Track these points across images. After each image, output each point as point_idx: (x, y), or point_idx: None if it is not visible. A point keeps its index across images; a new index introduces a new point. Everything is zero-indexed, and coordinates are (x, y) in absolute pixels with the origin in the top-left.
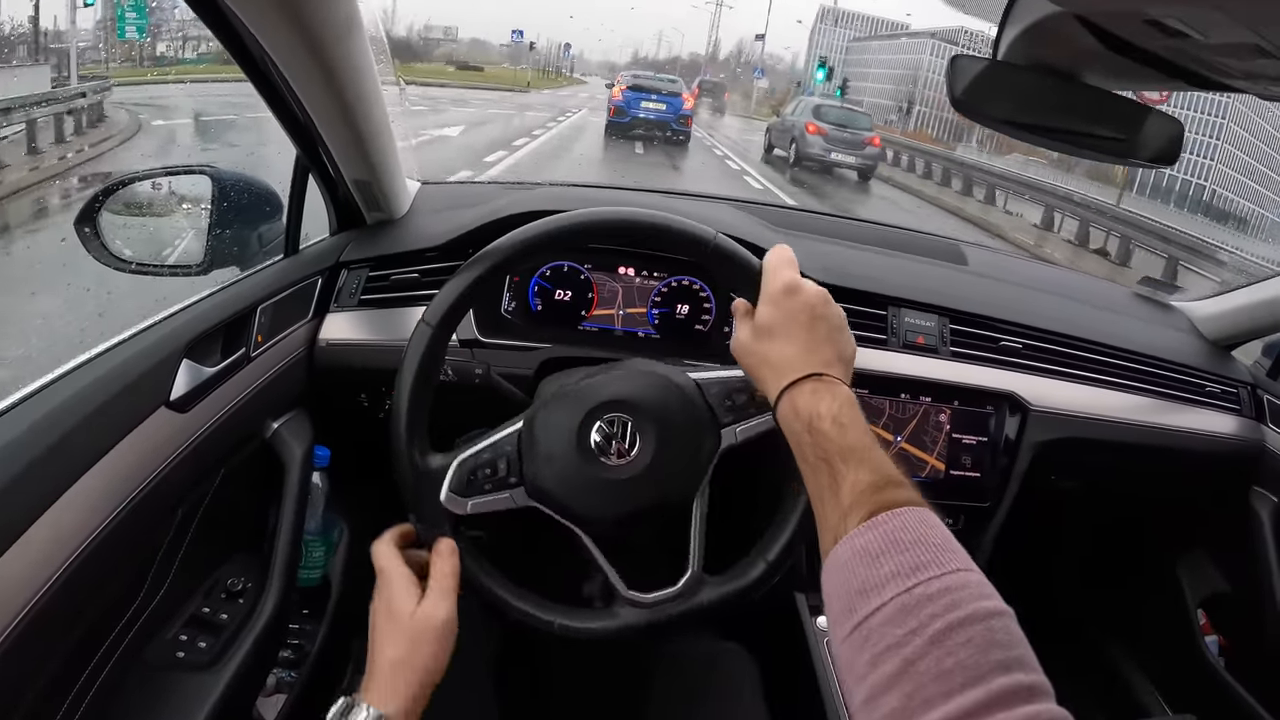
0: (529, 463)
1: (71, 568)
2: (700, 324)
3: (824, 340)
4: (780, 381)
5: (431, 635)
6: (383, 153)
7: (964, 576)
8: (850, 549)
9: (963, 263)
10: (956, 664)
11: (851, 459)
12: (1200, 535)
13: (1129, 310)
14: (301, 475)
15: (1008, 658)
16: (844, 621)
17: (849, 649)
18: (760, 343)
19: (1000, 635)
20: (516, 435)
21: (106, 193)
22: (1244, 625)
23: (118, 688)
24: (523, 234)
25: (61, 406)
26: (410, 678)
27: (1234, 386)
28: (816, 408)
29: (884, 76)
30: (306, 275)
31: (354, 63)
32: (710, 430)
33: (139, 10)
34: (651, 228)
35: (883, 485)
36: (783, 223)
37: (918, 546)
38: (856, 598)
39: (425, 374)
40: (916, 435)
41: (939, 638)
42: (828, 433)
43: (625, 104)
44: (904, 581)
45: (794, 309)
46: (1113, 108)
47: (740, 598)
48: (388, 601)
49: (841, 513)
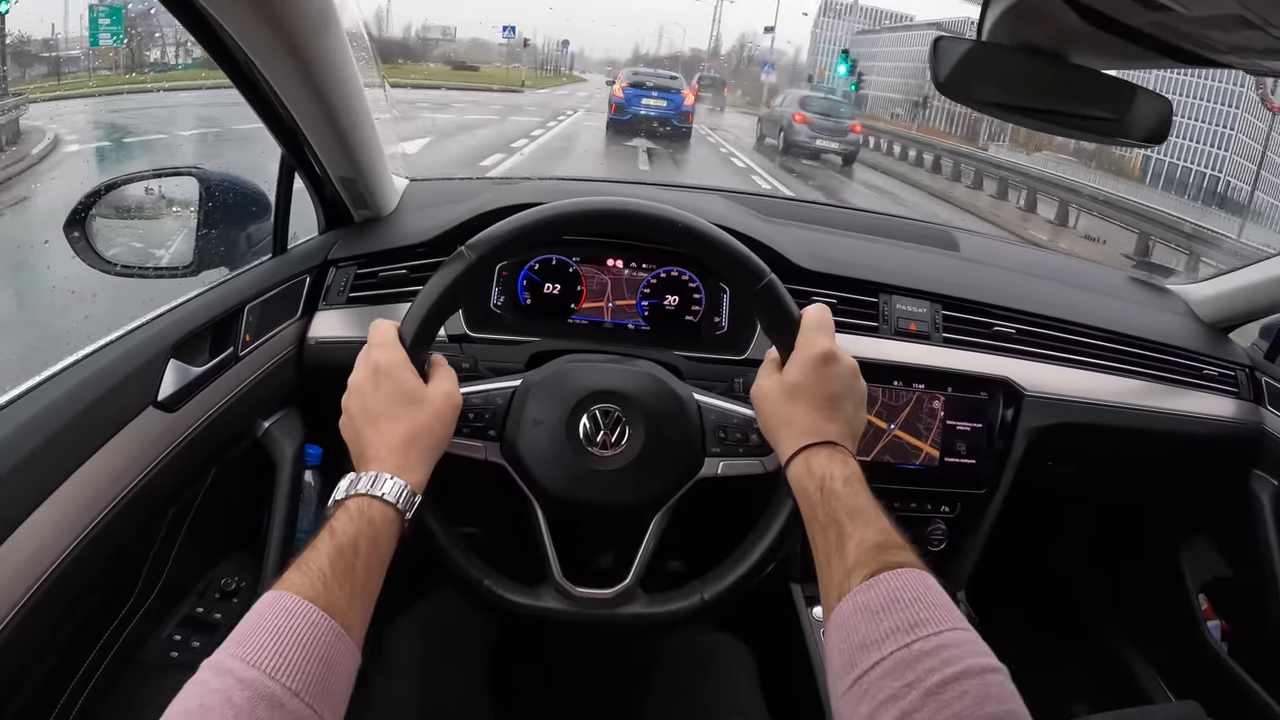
0: (513, 423)
1: (60, 568)
2: (690, 314)
3: (848, 415)
4: (798, 442)
5: (448, 407)
6: (367, 149)
7: (961, 634)
8: (853, 605)
9: (954, 249)
10: (951, 716)
11: (859, 518)
12: (1201, 520)
13: (1124, 294)
14: (293, 474)
15: (1001, 711)
16: (845, 675)
17: (849, 702)
18: (785, 402)
19: (995, 689)
20: (511, 393)
21: (94, 196)
22: (1246, 610)
23: (112, 688)
24: (573, 205)
25: (48, 408)
26: (423, 453)
27: (1231, 369)
28: (830, 469)
29: (889, 70)
30: (294, 274)
31: (331, 58)
32: (695, 453)
33: (114, 16)
34: (712, 243)
35: (887, 546)
36: (772, 212)
37: (917, 605)
38: (858, 652)
39: (451, 294)
40: (910, 423)
41: (935, 691)
42: (839, 493)
43: (626, 101)
44: (903, 637)
45: (828, 377)
46: (1101, 87)
47: (664, 624)
48: (395, 384)
49: (846, 570)
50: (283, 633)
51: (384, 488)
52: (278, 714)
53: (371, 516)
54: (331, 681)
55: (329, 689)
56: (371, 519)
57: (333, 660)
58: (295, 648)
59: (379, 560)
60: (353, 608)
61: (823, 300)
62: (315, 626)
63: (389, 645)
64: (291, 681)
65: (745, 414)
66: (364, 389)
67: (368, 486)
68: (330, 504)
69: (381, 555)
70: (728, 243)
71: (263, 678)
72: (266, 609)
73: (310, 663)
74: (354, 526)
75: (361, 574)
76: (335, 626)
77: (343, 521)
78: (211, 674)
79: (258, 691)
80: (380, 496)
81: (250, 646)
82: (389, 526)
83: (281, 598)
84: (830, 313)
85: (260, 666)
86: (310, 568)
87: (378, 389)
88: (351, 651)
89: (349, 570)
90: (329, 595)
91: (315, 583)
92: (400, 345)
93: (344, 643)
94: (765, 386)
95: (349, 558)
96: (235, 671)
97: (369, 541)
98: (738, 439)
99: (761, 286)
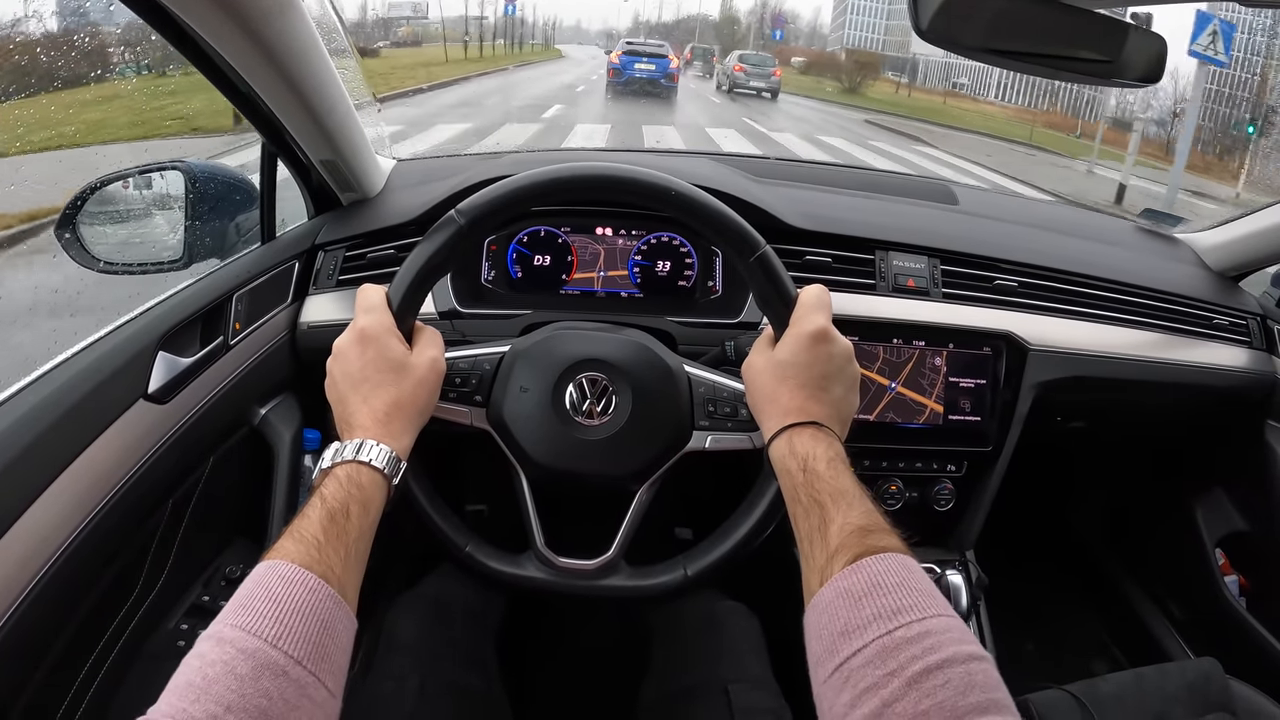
0: (499, 389)
1: (59, 563)
2: (683, 280)
3: (835, 396)
4: (783, 421)
5: (432, 374)
6: (345, 130)
7: (944, 621)
8: (835, 590)
9: (953, 203)
10: (934, 705)
11: (842, 501)
12: (1216, 473)
13: (1131, 244)
14: (292, 459)
15: (985, 700)
16: (826, 662)
17: (830, 690)
18: (774, 379)
19: (979, 678)
20: (498, 359)
21: (83, 197)
22: (1264, 564)
23: (120, 679)
24: (569, 170)
25: (37, 406)
26: (408, 420)
27: (1243, 318)
28: (814, 449)
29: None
30: (283, 260)
31: (293, 42)
32: (683, 426)
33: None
34: (704, 211)
35: (870, 530)
36: (763, 172)
37: (900, 590)
38: (839, 639)
39: (440, 259)
40: (913, 379)
41: (917, 679)
42: (822, 474)
43: (622, 66)
44: (885, 624)
45: (819, 357)
46: (1093, 27)
47: (646, 597)
48: (380, 350)
49: (828, 554)
50: (281, 600)
51: (370, 454)
52: (281, 682)
53: (360, 482)
54: (330, 647)
55: (329, 655)
56: (360, 484)
57: (331, 626)
58: (294, 614)
59: (369, 525)
60: (347, 573)
61: (817, 259)
62: (313, 593)
63: (395, 621)
64: (293, 649)
65: (735, 388)
66: (349, 355)
67: (354, 453)
68: (317, 471)
69: (371, 520)
70: (722, 212)
71: (264, 646)
72: (263, 576)
73: (310, 629)
74: (343, 492)
75: (354, 539)
76: (332, 592)
77: (332, 488)
78: (212, 645)
79: (260, 660)
80: (368, 462)
81: (250, 615)
82: (377, 491)
83: (277, 566)
84: (829, 293)
85: (261, 635)
86: (304, 534)
87: (363, 355)
88: (349, 617)
89: (341, 535)
90: (324, 561)
91: (310, 549)
92: (388, 310)
93: (341, 608)
94: (756, 362)
95: (340, 523)
96: (236, 642)
97: (359, 506)
98: (727, 413)
99: (755, 258)
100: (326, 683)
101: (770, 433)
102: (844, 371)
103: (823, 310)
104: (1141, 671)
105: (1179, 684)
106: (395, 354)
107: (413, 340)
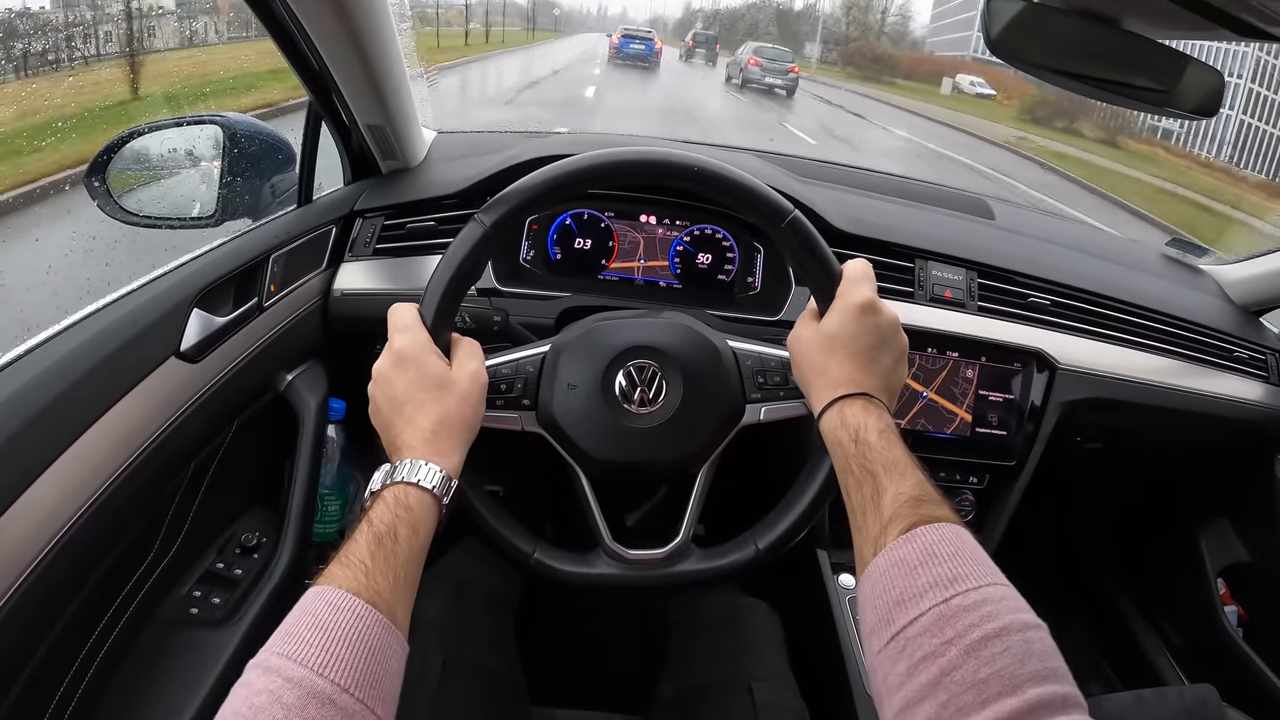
0: (546, 389)
1: (82, 519)
2: (723, 274)
3: (885, 367)
4: (833, 393)
5: (476, 389)
6: (398, 95)
7: (1001, 590)
8: (889, 560)
9: (989, 217)
10: (992, 674)
11: (894, 471)
12: (1223, 503)
13: (1157, 271)
14: (316, 428)
15: (1043, 669)
16: (881, 632)
17: (885, 660)
18: (822, 352)
19: (1036, 646)
20: (541, 359)
21: (115, 145)
22: (1264, 597)
23: (132, 643)
24: (588, 160)
25: (69, 356)
26: (455, 437)
27: (1262, 353)
28: (865, 420)
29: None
30: (320, 224)
31: (368, 2)
32: (736, 402)
33: None
34: (731, 184)
35: (923, 500)
36: (807, 173)
37: (955, 559)
38: (895, 608)
39: (469, 267)
40: (945, 387)
41: (975, 648)
42: (875, 444)
43: (620, 46)
44: (942, 592)
45: (866, 329)
46: (1152, 56)
47: (721, 577)
48: (420, 369)
49: (882, 525)
50: (328, 628)
51: (419, 474)
52: (328, 711)
53: (409, 503)
54: (381, 674)
55: (378, 682)
56: (409, 505)
57: (381, 653)
58: (341, 642)
59: (419, 547)
60: (397, 597)
61: None
62: (361, 620)
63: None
64: (340, 677)
65: (782, 355)
66: (389, 377)
67: (403, 474)
68: (366, 496)
69: (422, 542)
70: (748, 182)
71: (311, 675)
72: (310, 604)
73: (358, 657)
74: (391, 514)
75: (403, 561)
76: (381, 619)
77: (379, 511)
78: (258, 674)
79: (307, 689)
80: (416, 483)
81: (296, 643)
82: (426, 512)
83: (325, 592)
84: (872, 266)
85: (307, 664)
86: (351, 560)
87: (403, 376)
88: (399, 643)
89: (390, 559)
90: (372, 586)
91: (357, 575)
92: (422, 327)
93: (391, 634)
94: (803, 334)
95: (388, 546)
96: (282, 670)
97: (408, 528)
98: (777, 382)
99: (787, 223)
100: (376, 710)
101: (820, 405)
102: (891, 342)
103: (868, 282)
104: (1141, 694)
105: (1177, 708)
106: (435, 371)
107: (451, 354)
